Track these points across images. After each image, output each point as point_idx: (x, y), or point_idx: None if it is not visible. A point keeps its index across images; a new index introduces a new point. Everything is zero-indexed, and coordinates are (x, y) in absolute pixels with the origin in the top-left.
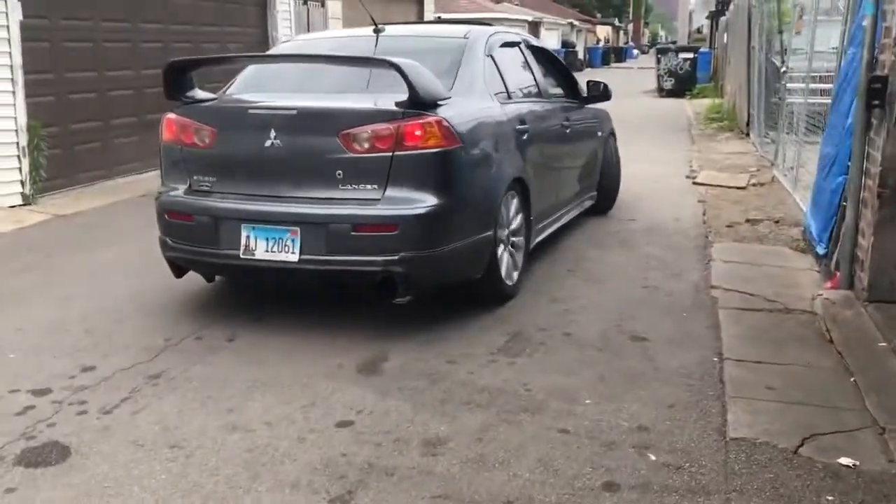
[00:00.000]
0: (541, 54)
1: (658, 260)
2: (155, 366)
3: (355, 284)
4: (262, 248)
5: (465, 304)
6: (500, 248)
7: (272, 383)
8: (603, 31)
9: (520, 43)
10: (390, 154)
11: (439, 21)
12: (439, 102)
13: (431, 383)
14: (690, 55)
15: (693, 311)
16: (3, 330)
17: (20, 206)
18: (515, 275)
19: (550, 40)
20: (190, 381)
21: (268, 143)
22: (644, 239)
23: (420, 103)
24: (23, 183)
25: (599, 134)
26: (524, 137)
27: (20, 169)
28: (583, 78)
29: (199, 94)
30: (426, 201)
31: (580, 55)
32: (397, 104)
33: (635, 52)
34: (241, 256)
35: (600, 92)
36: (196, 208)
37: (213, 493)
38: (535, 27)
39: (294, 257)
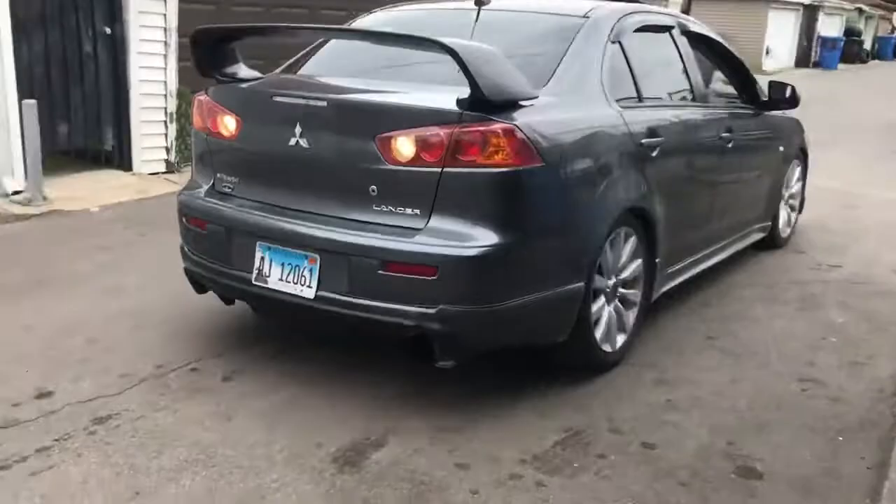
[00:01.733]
0: (703, 44)
1: (841, 335)
2: (114, 404)
3: (383, 339)
4: (276, 274)
5: (533, 370)
6: (598, 303)
7: (213, 458)
8: None
9: (670, 28)
10: (438, 170)
11: None
12: (521, 103)
13: (409, 502)
14: None
15: (855, 435)
16: (11, 326)
17: (164, 173)
18: (621, 339)
19: (830, 27)
20: (133, 434)
21: (292, 142)
22: (837, 296)
23: (486, 103)
24: (168, 150)
25: (781, 149)
26: (653, 154)
27: (166, 136)
28: (866, 72)
29: (243, 70)
30: (481, 239)
31: (866, 45)
32: (459, 102)
33: None
34: (254, 282)
35: (784, 96)
36: (211, 214)
37: None
38: (811, 11)
39: (310, 293)
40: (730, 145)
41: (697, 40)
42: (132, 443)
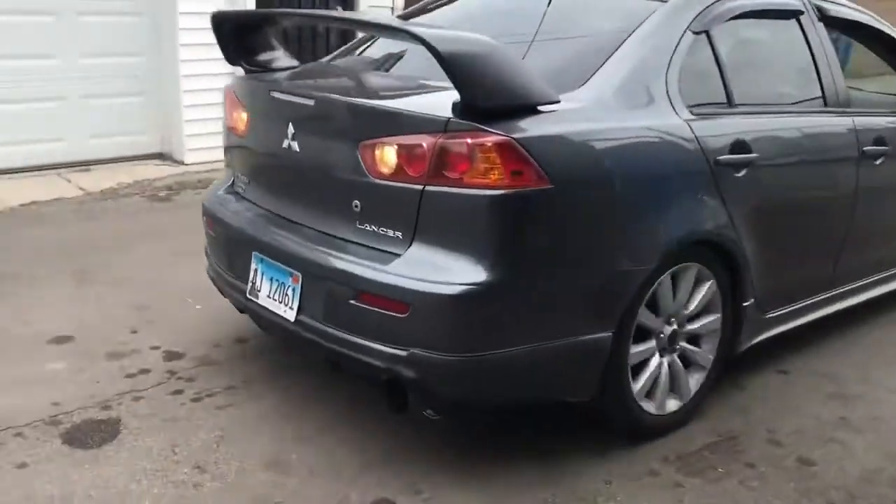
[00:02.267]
0: (853, 32)
1: None
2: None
3: (358, 377)
4: (265, 290)
5: (559, 434)
6: (644, 348)
7: None
8: None
9: (797, 13)
10: (421, 187)
11: None
12: (539, 109)
13: (544, 472)
14: None
15: None
16: None
17: None
18: (673, 404)
19: None
20: (307, 383)
21: (285, 144)
22: None
23: (478, 108)
24: None
25: None
26: (738, 174)
27: None
28: None
29: (279, 59)
30: (464, 274)
31: None
32: (453, 107)
33: None
34: (248, 295)
35: None
36: (217, 216)
37: None
38: None
39: (291, 315)
40: (878, 162)
41: (843, 27)
42: (307, 388)
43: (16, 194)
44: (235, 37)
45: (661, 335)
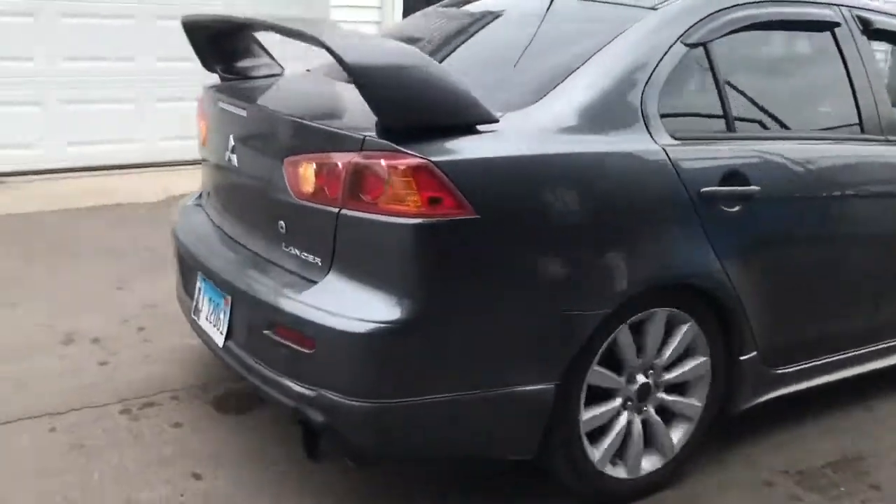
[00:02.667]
0: None
1: None
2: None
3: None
4: (205, 311)
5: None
6: (605, 409)
7: None
8: None
9: (832, 24)
10: (336, 210)
11: None
12: (480, 128)
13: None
14: None
15: None
16: None
17: None
18: (650, 463)
19: None
20: None
21: (226, 157)
22: None
23: (393, 128)
24: None
25: None
26: (731, 209)
27: None
28: None
29: (261, 66)
30: (376, 311)
31: None
32: (376, 123)
33: None
34: (192, 314)
35: None
36: (175, 229)
37: None
38: None
39: (220, 340)
40: None
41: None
42: None
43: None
44: (210, 42)
45: (631, 392)
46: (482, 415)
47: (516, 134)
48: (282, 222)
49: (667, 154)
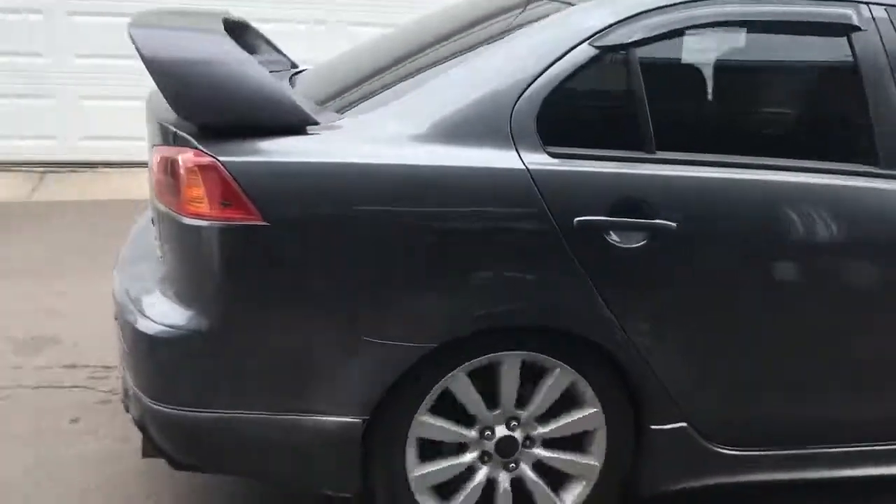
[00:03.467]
0: None
1: None
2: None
3: None
4: None
5: None
6: (459, 461)
7: None
8: None
9: (848, 28)
10: (161, 205)
11: None
12: (308, 129)
13: None
14: None
15: None
16: None
17: None
18: None
19: None
20: None
21: None
22: None
23: (193, 125)
24: None
25: None
26: (626, 245)
27: None
28: None
29: (273, 61)
30: (166, 313)
31: None
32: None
33: None
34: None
35: None
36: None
37: None
38: None
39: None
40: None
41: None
42: None
43: None
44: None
45: (485, 447)
46: (286, 439)
47: (342, 140)
48: (153, 213)
49: (530, 174)
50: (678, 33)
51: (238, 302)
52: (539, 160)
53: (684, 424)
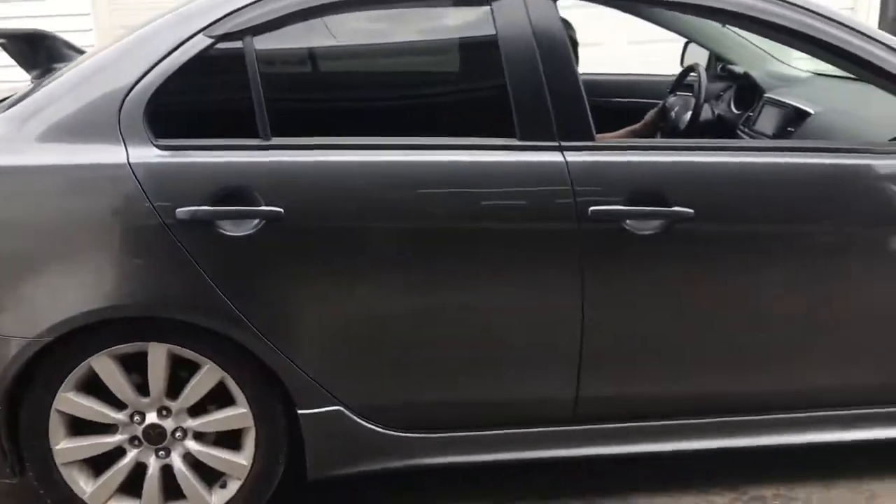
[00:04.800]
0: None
1: None
2: None
3: None
4: None
5: None
6: (112, 439)
7: None
8: None
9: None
10: None
11: None
12: None
13: None
14: None
15: None
16: None
17: None
18: None
19: None
20: None
21: None
22: None
23: None
24: None
25: None
26: (242, 235)
27: None
28: None
29: None
30: None
31: None
32: None
33: None
34: None
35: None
36: None
37: None
38: None
39: None
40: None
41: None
42: None
43: None
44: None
45: (134, 431)
46: None
47: None
48: None
49: (131, 168)
50: (297, 17)
51: None
52: (144, 154)
53: (339, 408)
